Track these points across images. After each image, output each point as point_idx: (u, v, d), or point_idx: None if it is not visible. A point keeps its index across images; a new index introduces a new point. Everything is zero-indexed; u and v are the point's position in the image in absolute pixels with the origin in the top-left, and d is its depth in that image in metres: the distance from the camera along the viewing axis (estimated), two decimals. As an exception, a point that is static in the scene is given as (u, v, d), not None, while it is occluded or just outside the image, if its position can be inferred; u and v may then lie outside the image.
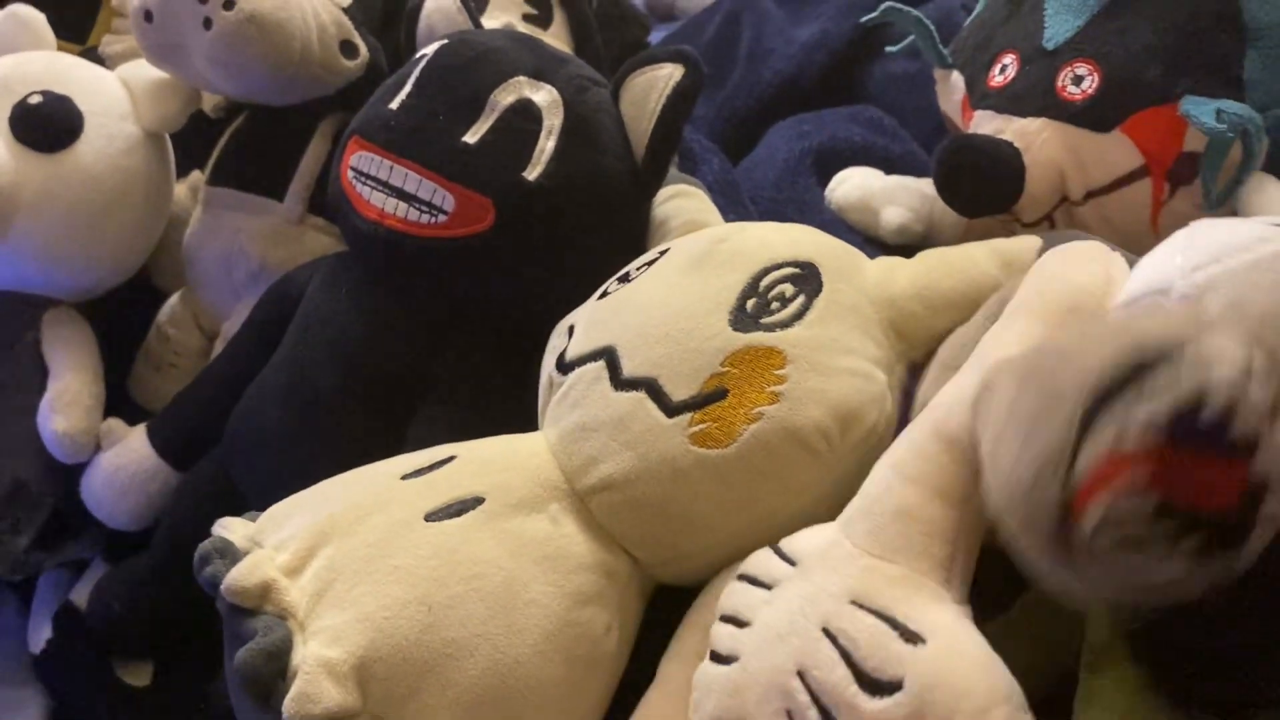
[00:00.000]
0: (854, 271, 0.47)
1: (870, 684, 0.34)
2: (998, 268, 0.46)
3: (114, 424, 0.65)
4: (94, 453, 0.64)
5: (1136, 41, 0.52)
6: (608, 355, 0.47)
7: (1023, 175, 0.53)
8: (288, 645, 0.39)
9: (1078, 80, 0.53)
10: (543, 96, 0.56)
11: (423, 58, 0.58)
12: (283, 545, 0.42)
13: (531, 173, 0.54)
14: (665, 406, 0.44)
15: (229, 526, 0.45)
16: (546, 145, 0.55)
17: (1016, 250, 0.46)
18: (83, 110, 0.64)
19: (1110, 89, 0.52)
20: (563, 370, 0.49)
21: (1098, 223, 0.48)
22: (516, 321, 0.57)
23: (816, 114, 0.77)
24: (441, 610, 0.40)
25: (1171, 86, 0.51)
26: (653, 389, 0.44)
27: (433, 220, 0.54)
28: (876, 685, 0.34)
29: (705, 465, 0.43)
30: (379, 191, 0.55)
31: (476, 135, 0.55)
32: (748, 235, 0.50)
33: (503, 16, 0.75)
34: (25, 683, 0.65)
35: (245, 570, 0.41)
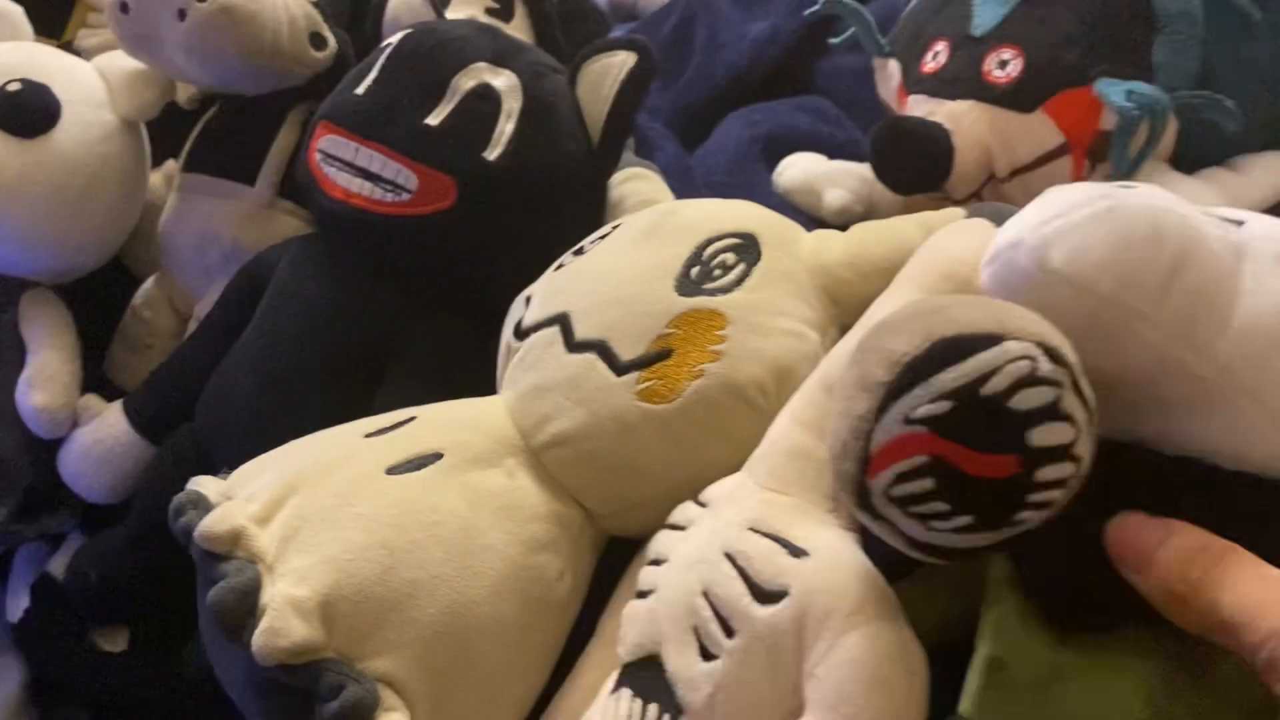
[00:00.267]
0: (791, 242, 0.50)
1: (761, 594, 0.37)
2: (924, 237, 0.47)
3: (91, 399, 0.67)
4: (71, 428, 0.66)
5: (1057, 28, 0.55)
6: (561, 320, 0.49)
7: (951, 154, 0.55)
8: (257, 585, 0.41)
9: (1003, 64, 0.56)
10: (502, 81, 0.58)
11: (388, 46, 0.60)
12: (253, 497, 0.44)
13: (491, 153, 0.56)
14: (614, 366, 0.46)
15: (202, 483, 0.46)
16: (506, 127, 0.57)
17: (941, 220, 0.48)
18: (60, 98, 0.65)
19: (1032, 72, 0.55)
20: (519, 337, 0.51)
21: (1023, 198, 0.50)
22: (478, 295, 0.59)
23: (766, 105, 0.79)
24: (401, 554, 0.42)
25: (1088, 70, 0.54)
26: (603, 350, 0.47)
27: (397, 198, 0.56)
28: (767, 595, 0.37)
29: (651, 419, 0.45)
30: (345, 172, 0.57)
31: (439, 118, 0.57)
32: (694, 209, 0.52)
33: (466, 10, 0.76)
34: (3, 650, 0.66)
35: (217, 518, 0.42)
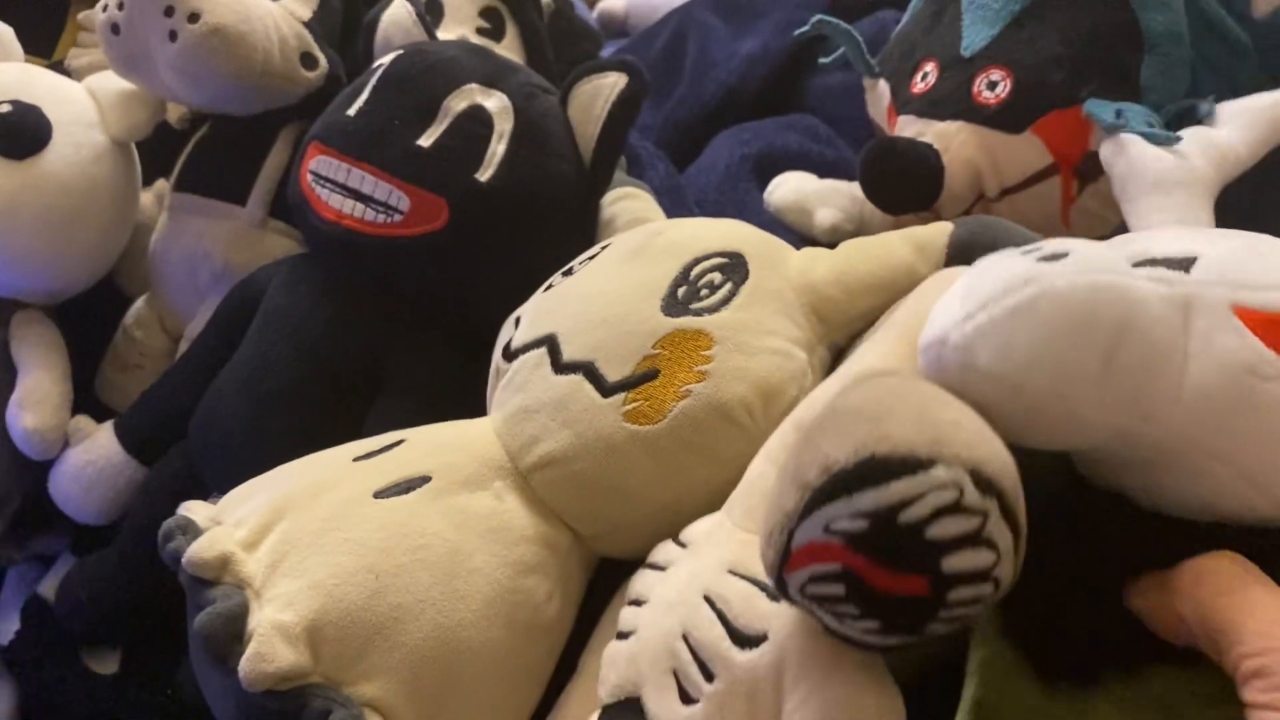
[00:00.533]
0: (778, 260, 0.50)
1: (740, 638, 0.38)
2: (911, 252, 0.48)
3: (82, 421, 0.66)
4: (62, 449, 0.66)
5: (1045, 49, 0.55)
6: (549, 342, 0.49)
7: (941, 175, 0.56)
8: (244, 610, 0.41)
9: (992, 85, 0.56)
10: (494, 102, 0.58)
11: (379, 67, 0.61)
12: (241, 522, 0.44)
13: (483, 174, 0.56)
14: (601, 387, 0.46)
15: (191, 508, 0.47)
16: (498, 149, 0.57)
17: (929, 235, 0.48)
18: (51, 119, 0.65)
19: (1021, 93, 0.55)
20: (508, 358, 0.51)
21: (1013, 218, 0.50)
22: (469, 317, 0.59)
23: (757, 123, 0.80)
24: (388, 578, 0.42)
25: (1077, 90, 0.54)
26: (590, 371, 0.47)
27: (389, 220, 0.57)
28: (746, 639, 0.37)
29: (638, 440, 0.45)
30: (337, 193, 0.58)
31: (430, 139, 0.57)
32: (681, 229, 0.52)
33: (457, 30, 0.77)
34: (-6, 673, 0.66)
35: (205, 544, 0.43)
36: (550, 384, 0.48)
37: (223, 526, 0.45)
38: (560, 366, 0.48)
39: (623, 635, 0.42)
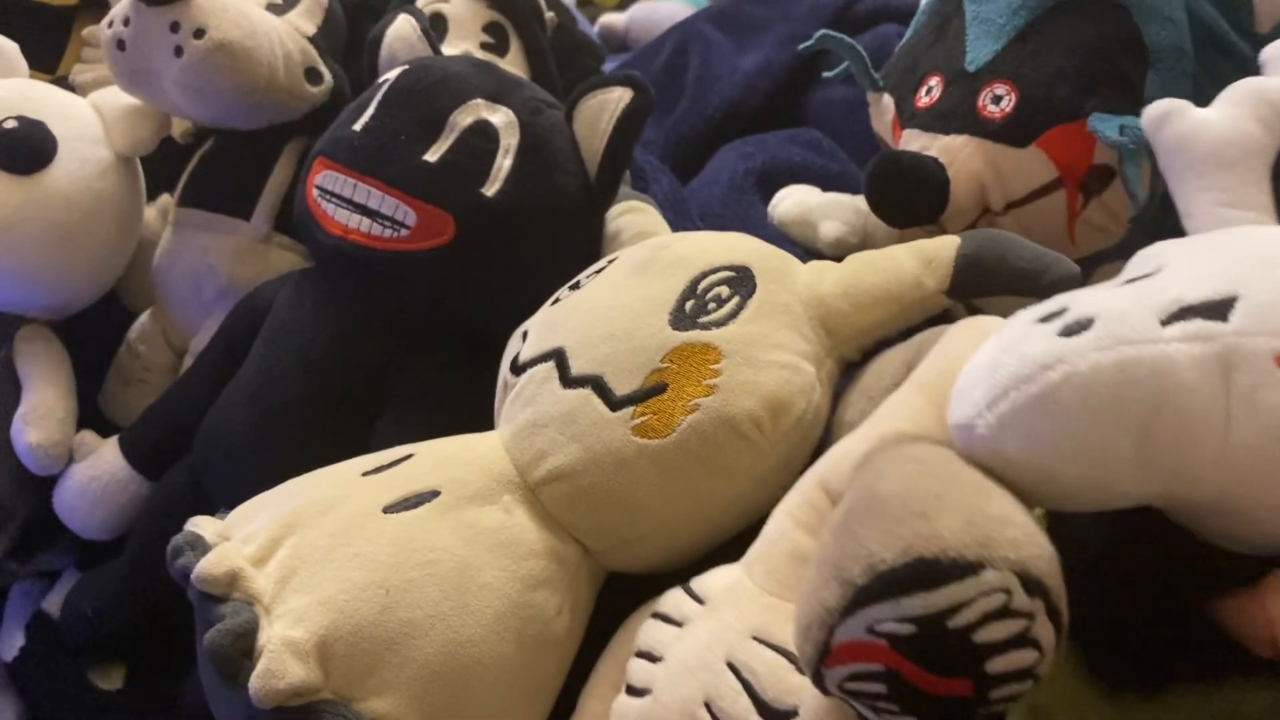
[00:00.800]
0: (786, 274, 0.50)
1: (769, 712, 0.37)
2: (919, 265, 0.48)
3: (87, 436, 0.67)
4: (67, 464, 0.65)
5: (1049, 64, 0.55)
6: (557, 356, 0.49)
7: (947, 188, 0.56)
8: (254, 627, 0.41)
9: (997, 100, 0.56)
10: (500, 118, 0.58)
11: (385, 82, 0.61)
12: (250, 538, 0.44)
13: (490, 189, 0.57)
14: (610, 401, 0.46)
15: (199, 524, 0.47)
16: (504, 163, 0.57)
17: (936, 249, 0.48)
18: (56, 135, 0.65)
19: (1026, 107, 0.56)
20: (516, 372, 0.51)
21: (1018, 232, 0.50)
22: (476, 331, 0.59)
23: (760, 137, 0.80)
24: (398, 593, 0.42)
25: (1081, 105, 0.54)
26: (598, 385, 0.47)
27: (395, 235, 0.57)
28: (774, 713, 0.37)
29: (647, 454, 0.45)
30: (343, 208, 0.58)
31: (437, 154, 0.57)
32: (688, 242, 0.53)
33: (461, 45, 0.77)
34: (-1, 689, 0.66)
35: (214, 560, 0.43)
36: (558, 398, 0.48)
37: (231, 542, 0.44)
38: (568, 380, 0.48)
39: (635, 691, 0.42)
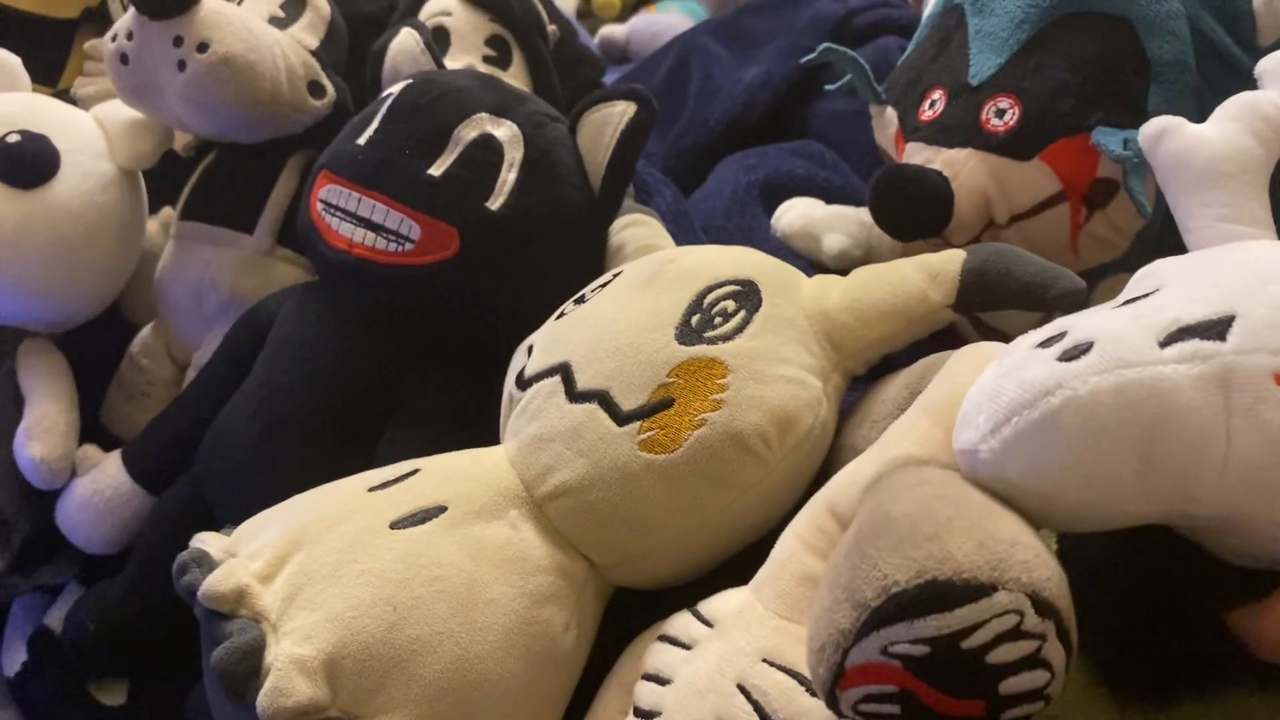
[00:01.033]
0: (791, 288, 0.50)
1: None
2: (924, 279, 0.48)
3: (89, 450, 0.67)
4: (69, 478, 0.65)
5: (1053, 77, 0.55)
6: (563, 370, 0.49)
7: (951, 201, 0.56)
8: (261, 644, 0.40)
9: (1000, 113, 0.57)
10: (504, 131, 0.58)
11: (389, 96, 0.61)
12: (256, 554, 0.44)
13: (494, 203, 0.57)
14: (616, 416, 0.46)
15: (205, 540, 0.46)
16: (508, 177, 0.57)
17: (941, 263, 0.49)
18: (59, 148, 0.65)
19: (1029, 121, 0.56)
20: (521, 386, 0.51)
21: (1022, 245, 0.51)
22: (480, 344, 0.59)
23: (762, 149, 0.80)
24: (406, 610, 0.42)
25: (1084, 118, 0.55)
26: (604, 400, 0.47)
27: (400, 248, 0.57)
28: None
29: (654, 469, 0.45)
30: (347, 222, 0.58)
31: (441, 168, 0.57)
32: (693, 256, 0.53)
33: (464, 58, 0.78)
34: (1, 705, 0.65)
35: (220, 577, 0.42)
36: (565, 412, 0.48)
37: (238, 559, 0.44)
38: (574, 395, 0.48)
39: (643, 714, 0.42)
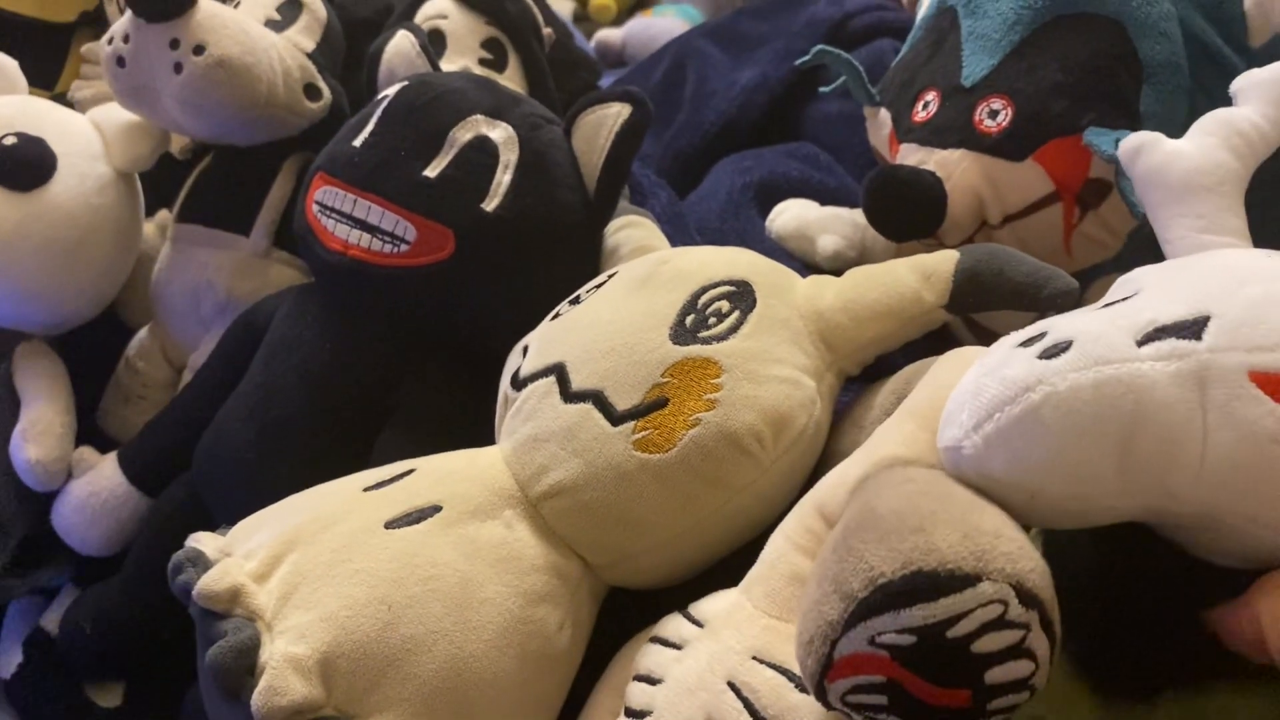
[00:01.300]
0: (786, 288, 0.50)
1: None
2: (918, 280, 0.49)
3: (86, 452, 0.66)
4: (65, 480, 0.65)
5: (1045, 79, 0.56)
6: (558, 370, 0.49)
7: (944, 202, 0.56)
8: (256, 643, 0.40)
9: (993, 114, 0.57)
10: (499, 133, 0.59)
11: (384, 98, 0.61)
12: (251, 554, 0.44)
13: (489, 204, 0.57)
14: (610, 416, 0.46)
15: (200, 540, 0.46)
16: (503, 179, 0.58)
17: (934, 263, 0.49)
18: (56, 151, 0.65)
19: (1022, 122, 0.56)
20: (516, 387, 0.51)
21: (1015, 245, 0.51)
22: (476, 345, 0.59)
23: (757, 151, 0.80)
24: (400, 609, 0.42)
25: (1077, 119, 0.55)
26: (599, 400, 0.47)
27: (395, 250, 0.57)
28: None
29: (648, 469, 0.45)
30: (343, 224, 0.58)
31: (436, 170, 0.57)
32: (688, 257, 0.53)
33: (460, 60, 0.78)
34: (-4, 707, 0.65)
35: (215, 576, 0.42)
36: (559, 412, 0.48)
37: (233, 558, 0.44)
38: (569, 395, 0.48)
39: (634, 714, 0.42)
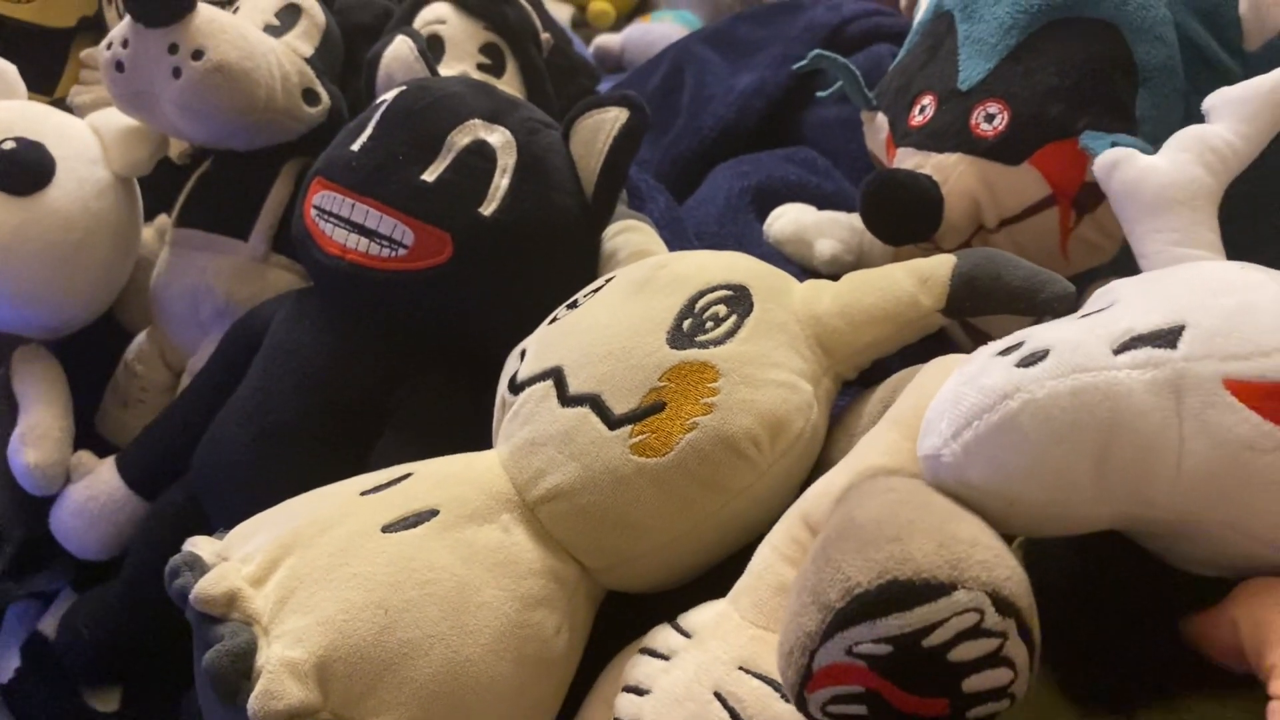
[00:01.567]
0: (783, 293, 0.50)
1: None
2: (915, 284, 0.49)
3: (84, 456, 0.67)
4: (64, 485, 0.66)
5: (1041, 82, 0.56)
6: (555, 374, 0.49)
7: (941, 206, 0.56)
8: (252, 647, 0.40)
9: (989, 118, 0.57)
10: (497, 138, 0.59)
11: (382, 103, 0.61)
12: (248, 558, 0.44)
13: (487, 208, 0.57)
14: (607, 420, 0.46)
15: (197, 544, 0.46)
16: (501, 183, 0.58)
17: (931, 267, 0.49)
18: (55, 155, 0.65)
19: (1019, 125, 0.56)
20: (514, 391, 0.51)
21: (1011, 249, 0.51)
22: (474, 350, 0.59)
23: (755, 156, 0.80)
24: (397, 613, 0.42)
25: (1073, 123, 0.55)
26: (596, 404, 0.47)
27: (393, 254, 0.57)
28: None
29: (645, 473, 0.45)
30: (341, 228, 0.58)
31: (434, 174, 0.57)
32: (686, 261, 0.53)
33: (458, 66, 0.78)
34: (-7, 712, 0.65)
35: (212, 580, 0.42)
36: (557, 416, 0.48)
37: (230, 562, 0.44)
38: (567, 399, 0.48)
39: None
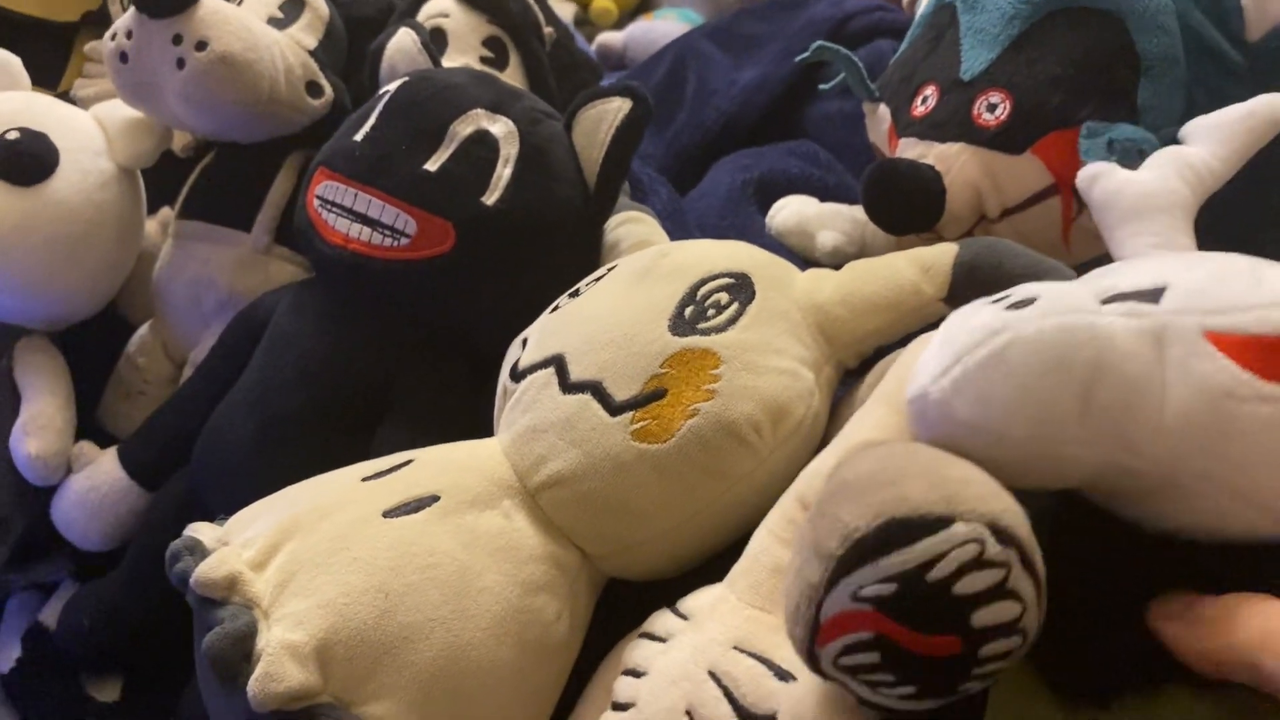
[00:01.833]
0: (785, 281, 0.50)
1: (748, 717, 0.38)
2: (917, 273, 0.49)
3: (86, 447, 0.67)
4: (65, 475, 0.66)
5: (1043, 72, 0.56)
6: (557, 362, 0.49)
7: (943, 196, 0.56)
8: (253, 630, 0.40)
9: (991, 108, 0.57)
10: (499, 128, 0.59)
11: (385, 94, 0.61)
12: (249, 542, 0.44)
13: (490, 198, 0.57)
14: (609, 406, 0.46)
15: (198, 529, 0.46)
16: (504, 173, 0.58)
17: (934, 256, 0.49)
18: (59, 146, 0.65)
19: (1020, 115, 0.56)
20: (515, 378, 0.51)
21: (1013, 238, 0.51)
22: (476, 339, 0.59)
23: (757, 149, 0.80)
24: (398, 597, 0.42)
25: (1075, 112, 0.55)
26: (598, 391, 0.47)
27: (395, 243, 0.57)
28: (753, 718, 0.38)
29: (646, 459, 0.45)
30: (344, 218, 0.58)
31: (437, 163, 0.57)
32: (688, 250, 0.53)
33: (461, 58, 0.78)
34: (-6, 702, 0.65)
35: (213, 564, 0.42)
36: (558, 403, 0.48)
37: (230, 546, 0.44)
38: (568, 386, 0.48)
39: (620, 707, 0.42)
